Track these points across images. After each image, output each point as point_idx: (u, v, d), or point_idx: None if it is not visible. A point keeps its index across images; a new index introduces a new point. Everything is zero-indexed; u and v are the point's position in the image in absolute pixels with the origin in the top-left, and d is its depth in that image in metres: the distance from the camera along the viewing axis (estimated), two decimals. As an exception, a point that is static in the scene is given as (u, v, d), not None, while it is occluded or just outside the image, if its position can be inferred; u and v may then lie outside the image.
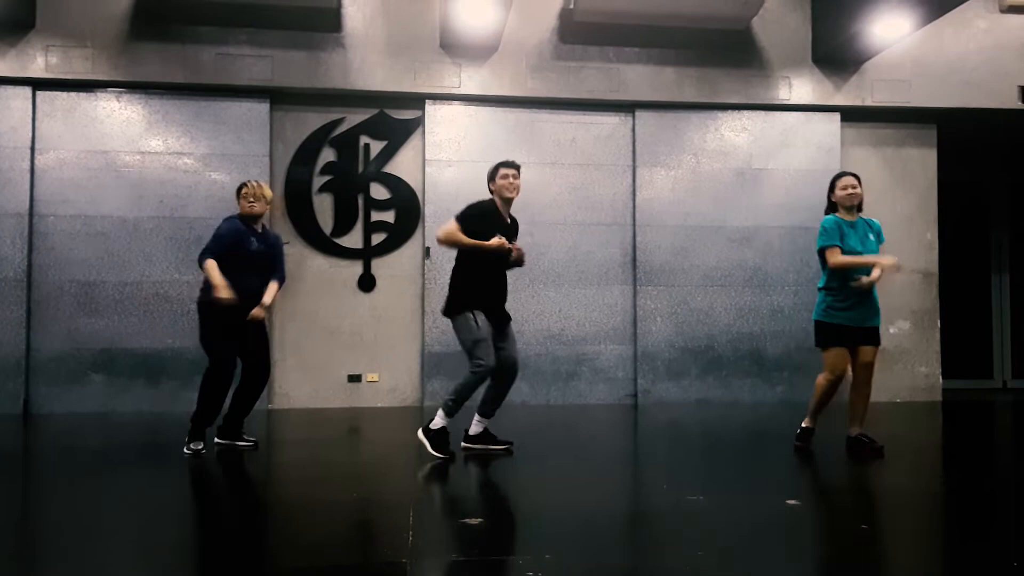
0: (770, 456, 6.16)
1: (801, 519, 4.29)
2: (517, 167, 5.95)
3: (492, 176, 5.95)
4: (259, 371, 6.17)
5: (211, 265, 5.84)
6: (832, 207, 5.98)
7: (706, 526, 4.04)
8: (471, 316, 5.72)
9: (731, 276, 9.23)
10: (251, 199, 6.08)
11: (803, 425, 6.09)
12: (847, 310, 5.77)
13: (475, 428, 5.96)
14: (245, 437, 6.15)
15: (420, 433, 5.78)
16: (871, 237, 5.89)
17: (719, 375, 9.17)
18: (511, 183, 5.88)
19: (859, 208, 5.96)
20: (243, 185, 6.18)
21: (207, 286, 5.88)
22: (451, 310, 5.84)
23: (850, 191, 5.87)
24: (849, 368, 5.86)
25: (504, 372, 5.86)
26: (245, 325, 5.97)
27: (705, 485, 4.99)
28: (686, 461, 6.07)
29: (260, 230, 6.19)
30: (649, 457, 6.58)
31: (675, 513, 4.32)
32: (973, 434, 7.88)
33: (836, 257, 5.74)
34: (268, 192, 6.22)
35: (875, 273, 5.73)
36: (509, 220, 6.01)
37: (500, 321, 5.88)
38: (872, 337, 5.84)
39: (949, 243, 10.16)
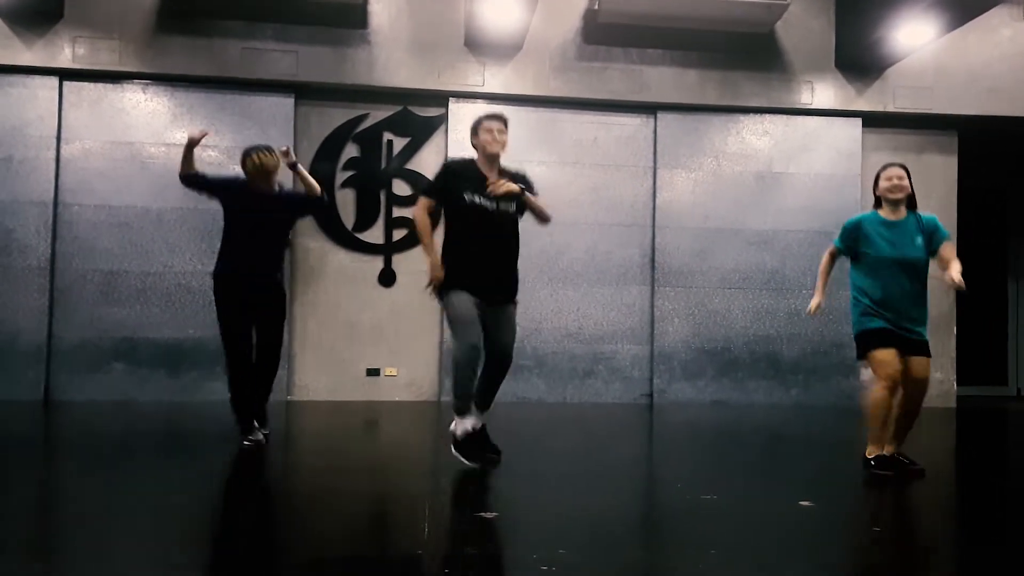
0: (784, 458, 6.18)
1: (814, 520, 4.31)
2: (504, 120, 5.27)
3: (475, 130, 5.25)
4: (264, 357, 5.86)
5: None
6: (877, 203, 5.41)
7: (719, 525, 4.07)
8: (449, 296, 5.04)
9: (749, 279, 9.25)
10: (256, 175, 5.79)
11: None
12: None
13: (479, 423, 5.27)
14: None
15: (453, 450, 5.14)
16: (919, 241, 5.23)
17: (735, 377, 9.19)
18: (495, 138, 5.17)
19: (910, 204, 5.35)
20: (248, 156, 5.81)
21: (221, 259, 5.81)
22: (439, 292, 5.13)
23: (894, 182, 5.27)
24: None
25: (490, 361, 5.20)
26: (255, 303, 5.78)
27: (719, 485, 5.01)
28: (701, 461, 6.09)
29: (273, 192, 5.90)
30: (664, 456, 6.62)
31: (689, 512, 4.35)
32: (987, 441, 7.87)
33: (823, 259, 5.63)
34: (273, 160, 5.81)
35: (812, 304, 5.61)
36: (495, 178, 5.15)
37: (494, 304, 5.12)
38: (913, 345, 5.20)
39: (967, 250, 10.11)
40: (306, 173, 6.07)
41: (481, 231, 5.07)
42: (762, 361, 9.22)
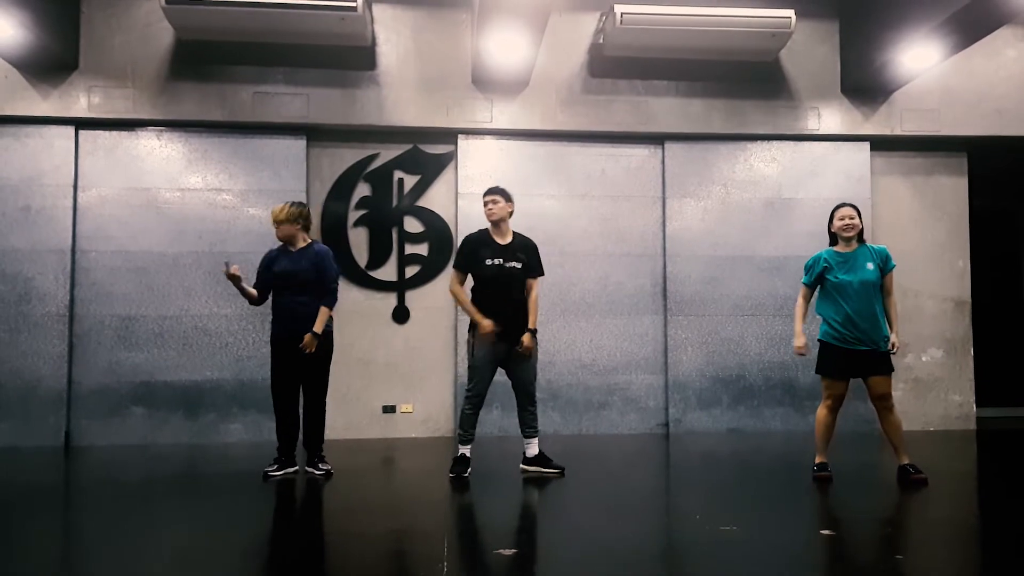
0: (803, 486, 6.15)
1: (836, 550, 4.30)
2: (498, 192, 6.46)
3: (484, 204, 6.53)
4: (308, 400, 6.71)
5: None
6: (833, 239, 6.26)
7: (740, 557, 4.07)
8: (470, 340, 6.46)
9: (762, 305, 9.25)
10: (274, 224, 6.50)
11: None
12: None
13: (528, 451, 6.54)
14: (318, 465, 6.62)
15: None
16: (869, 266, 6.03)
17: (750, 404, 9.17)
18: (489, 209, 6.43)
19: (859, 239, 6.21)
20: None
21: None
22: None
23: (846, 221, 6.12)
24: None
25: (516, 395, 6.53)
26: (298, 352, 6.47)
27: (739, 515, 5.01)
28: (719, 491, 6.07)
29: (295, 250, 6.53)
30: (682, 487, 6.60)
31: (709, 544, 4.35)
32: (1009, 463, 7.80)
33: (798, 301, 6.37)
34: (277, 212, 6.48)
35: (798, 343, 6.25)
36: (507, 241, 6.48)
37: (512, 344, 6.39)
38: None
39: (982, 270, 10.12)
40: None
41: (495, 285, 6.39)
42: (777, 388, 9.19)
